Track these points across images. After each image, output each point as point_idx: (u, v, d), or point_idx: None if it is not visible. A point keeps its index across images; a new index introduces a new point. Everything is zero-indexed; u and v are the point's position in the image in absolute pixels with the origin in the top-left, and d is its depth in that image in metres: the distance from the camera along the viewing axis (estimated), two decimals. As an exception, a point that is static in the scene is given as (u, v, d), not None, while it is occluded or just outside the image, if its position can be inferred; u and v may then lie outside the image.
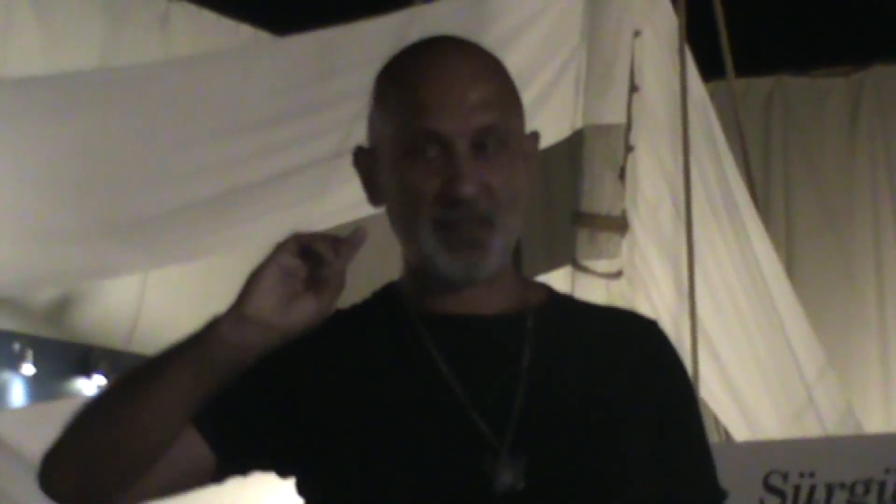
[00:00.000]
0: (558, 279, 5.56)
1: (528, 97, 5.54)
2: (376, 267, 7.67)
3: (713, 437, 5.80)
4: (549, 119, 5.55)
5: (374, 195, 2.22)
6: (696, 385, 5.37)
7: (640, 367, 2.22)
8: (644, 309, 5.52)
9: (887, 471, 4.73)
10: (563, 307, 2.30)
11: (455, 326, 2.18)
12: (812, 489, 4.78)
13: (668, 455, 2.19)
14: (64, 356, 6.87)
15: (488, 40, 5.60)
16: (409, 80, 2.17)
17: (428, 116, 2.13)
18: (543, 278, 5.51)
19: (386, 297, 2.27)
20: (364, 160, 2.23)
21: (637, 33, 5.66)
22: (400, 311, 2.22)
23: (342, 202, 5.20)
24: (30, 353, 6.71)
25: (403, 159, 2.14)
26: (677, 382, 2.26)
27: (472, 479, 2.08)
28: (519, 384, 2.13)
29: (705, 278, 5.59)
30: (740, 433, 5.69)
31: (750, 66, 6.70)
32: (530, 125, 5.78)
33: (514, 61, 5.67)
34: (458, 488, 2.09)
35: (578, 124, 5.67)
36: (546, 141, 5.65)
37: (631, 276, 5.64)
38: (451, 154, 2.12)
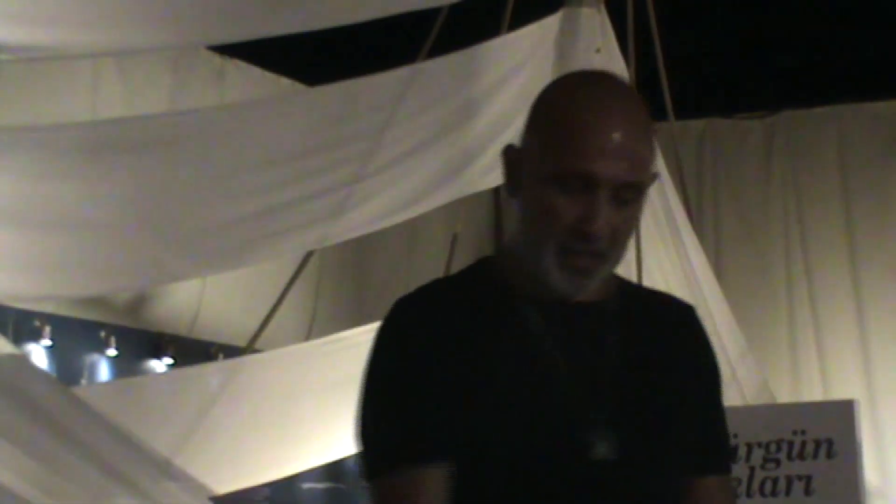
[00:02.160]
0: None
1: (508, 135, 5.57)
2: (391, 269, 7.60)
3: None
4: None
5: (512, 187, 2.09)
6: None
7: (688, 350, 2.15)
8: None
9: (794, 432, 4.71)
10: (629, 294, 2.17)
11: (558, 311, 2.05)
12: (735, 447, 4.76)
13: (704, 423, 2.12)
14: (140, 341, 6.86)
15: (475, 91, 5.63)
16: (571, 119, 2.00)
17: (585, 160, 1.97)
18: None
19: (488, 278, 2.12)
20: (512, 156, 2.08)
21: (596, 84, 5.65)
22: (509, 294, 2.07)
23: (358, 220, 5.18)
24: (113, 339, 6.69)
25: (551, 184, 2.00)
26: (712, 360, 2.18)
27: (575, 447, 1.98)
28: (608, 367, 2.04)
29: (651, 280, 5.58)
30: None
31: (686, 110, 6.69)
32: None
33: (496, 107, 5.70)
34: (564, 453, 1.99)
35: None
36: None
37: (591, 278, 5.62)
38: (594, 196, 1.98)
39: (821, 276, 7.44)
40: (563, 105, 2.02)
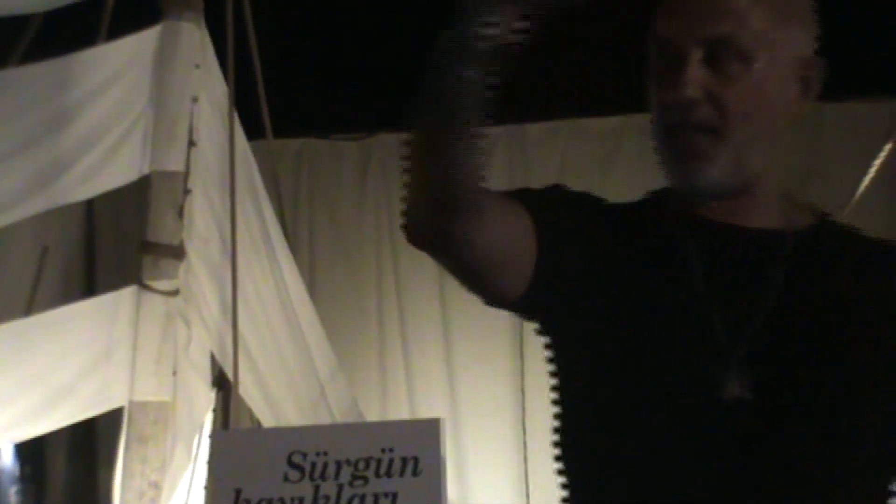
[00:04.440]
0: (126, 296, 5.43)
1: (103, 148, 5.43)
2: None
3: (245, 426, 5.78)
4: (122, 165, 5.43)
5: None
6: (236, 386, 5.35)
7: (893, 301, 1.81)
8: (195, 322, 5.45)
9: (383, 450, 4.78)
10: (829, 232, 1.88)
11: (714, 233, 1.82)
12: (325, 465, 4.79)
13: None
14: None
15: (68, 101, 5.44)
16: None
17: (663, 24, 1.76)
18: (114, 295, 5.38)
19: (665, 195, 1.91)
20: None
21: (195, 99, 5.61)
22: (670, 210, 1.86)
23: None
24: None
25: (654, 72, 1.80)
26: None
27: (702, 385, 1.73)
28: (767, 301, 1.77)
29: (245, 298, 5.57)
30: (268, 422, 5.69)
31: (285, 128, 6.73)
32: (104, 172, 5.58)
33: (92, 117, 5.55)
34: (688, 391, 1.74)
35: (146, 170, 5.56)
36: (118, 183, 5.56)
37: (186, 295, 5.56)
38: (679, 61, 1.74)
39: (410, 298, 7.64)
40: None
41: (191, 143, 5.59)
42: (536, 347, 7.47)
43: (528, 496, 7.51)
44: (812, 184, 6.42)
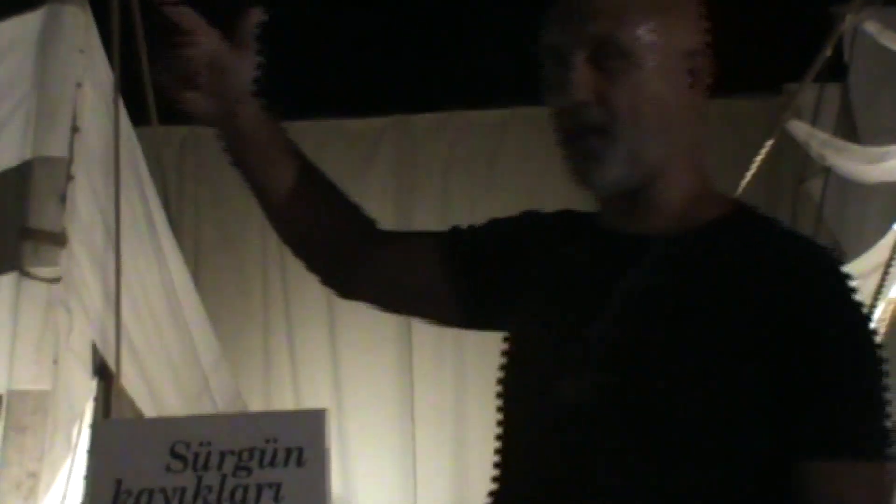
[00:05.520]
0: (6, 283, 5.34)
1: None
2: None
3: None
4: (1, 150, 5.36)
5: None
6: (118, 376, 5.29)
7: (767, 310, 1.70)
8: (76, 310, 5.38)
9: (267, 441, 4.79)
10: (721, 232, 1.81)
11: (593, 239, 1.87)
12: (208, 455, 4.78)
13: (794, 395, 1.68)
14: None
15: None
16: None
17: (549, 32, 1.79)
18: (-6, 281, 5.29)
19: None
20: None
21: (79, 85, 5.53)
22: (584, 222, 1.94)
23: None
24: None
25: (547, 80, 1.81)
26: (826, 324, 1.70)
27: (545, 391, 1.78)
28: (607, 308, 1.77)
29: (128, 286, 5.51)
30: (151, 412, 5.63)
31: (170, 115, 6.66)
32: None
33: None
34: (536, 397, 1.81)
35: (28, 156, 5.48)
36: (-1, 167, 5.45)
37: (68, 282, 5.48)
38: (566, 66, 1.75)
39: (295, 286, 7.62)
40: None
41: (74, 129, 5.52)
42: (424, 337, 7.50)
43: (415, 486, 7.54)
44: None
